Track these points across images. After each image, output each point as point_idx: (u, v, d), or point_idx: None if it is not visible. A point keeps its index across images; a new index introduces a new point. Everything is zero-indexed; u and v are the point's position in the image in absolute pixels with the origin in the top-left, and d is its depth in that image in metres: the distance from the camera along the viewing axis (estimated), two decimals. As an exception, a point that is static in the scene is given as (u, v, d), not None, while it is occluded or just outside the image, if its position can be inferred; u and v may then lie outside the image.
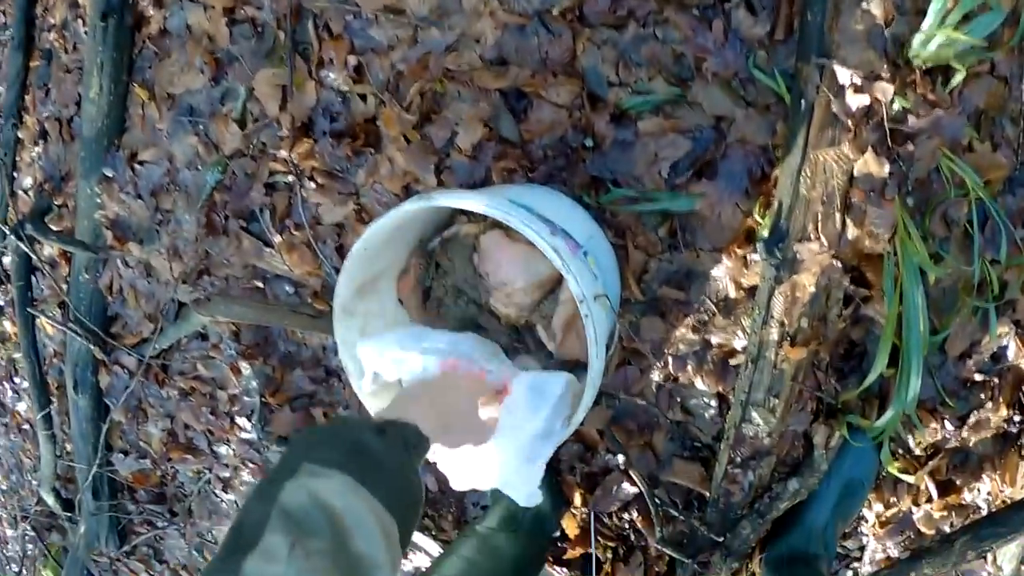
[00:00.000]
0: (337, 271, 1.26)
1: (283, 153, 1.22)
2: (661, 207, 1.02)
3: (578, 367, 0.88)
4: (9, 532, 2.86)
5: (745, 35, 0.98)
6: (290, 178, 1.24)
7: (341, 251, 1.26)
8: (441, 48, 1.09)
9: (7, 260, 2.07)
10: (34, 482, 2.54)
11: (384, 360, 0.87)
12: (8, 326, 2.25)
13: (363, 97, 1.16)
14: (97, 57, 1.45)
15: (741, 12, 0.98)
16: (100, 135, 1.52)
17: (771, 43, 0.97)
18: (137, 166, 1.49)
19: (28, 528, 2.57)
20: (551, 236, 0.77)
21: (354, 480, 0.61)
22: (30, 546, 2.70)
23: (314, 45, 1.18)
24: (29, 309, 1.92)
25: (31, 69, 1.79)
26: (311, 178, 1.23)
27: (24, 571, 2.78)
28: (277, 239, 1.29)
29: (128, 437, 1.89)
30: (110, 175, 1.53)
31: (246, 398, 1.54)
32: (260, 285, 1.37)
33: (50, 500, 2.25)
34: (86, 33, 1.54)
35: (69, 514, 2.25)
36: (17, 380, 2.35)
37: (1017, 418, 1.09)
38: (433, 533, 1.48)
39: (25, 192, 1.89)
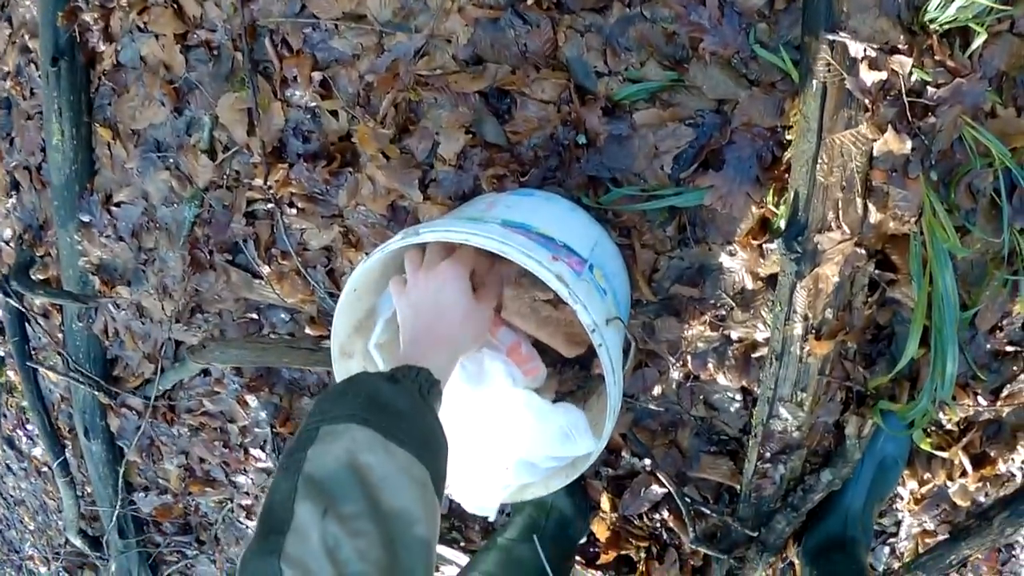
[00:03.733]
0: (331, 295, 1.16)
1: (258, 181, 1.11)
2: (667, 203, 0.91)
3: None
4: (43, 570, 2.81)
5: (743, 7, 0.85)
6: (269, 205, 1.13)
7: (332, 275, 1.16)
8: (410, 53, 0.97)
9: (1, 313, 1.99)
10: (60, 523, 2.49)
11: None
12: (13, 375, 2.17)
13: (334, 113, 1.04)
14: (54, 103, 1.33)
15: (739, -18, 0.86)
16: (70, 181, 1.41)
17: (772, 14, 0.85)
18: (114, 208, 1.38)
19: (61, 568, 2.52)
20: (552, 262, 0.66)
21: (375, 432, 0.57)
22: (65, 584, 2.65)
23: (275, 63, 1.06)
24: (28, 363, 1.83)
25: (-8, 121, 1.68)
26: (291, 204, 1.12)
27: (62, 609, 2.73)
28: (265, 269, 1.18)
29: (146, 474, 1.83)
30: (87, 220, 1.42)
31: (257, 429, 1.45)
32: (255, 316, 1.27)
33: (77, 542, 2.18)
34: (39, 78, 1.43)
35: (98, 553, 2.20)
36: (30, 427, 2.28)
37: (1051, 386, 0.98)
38: (461, 544, 1.40)
39: (6, 243, 1.79)
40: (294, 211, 1.12)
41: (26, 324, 1.82)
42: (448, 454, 0.65)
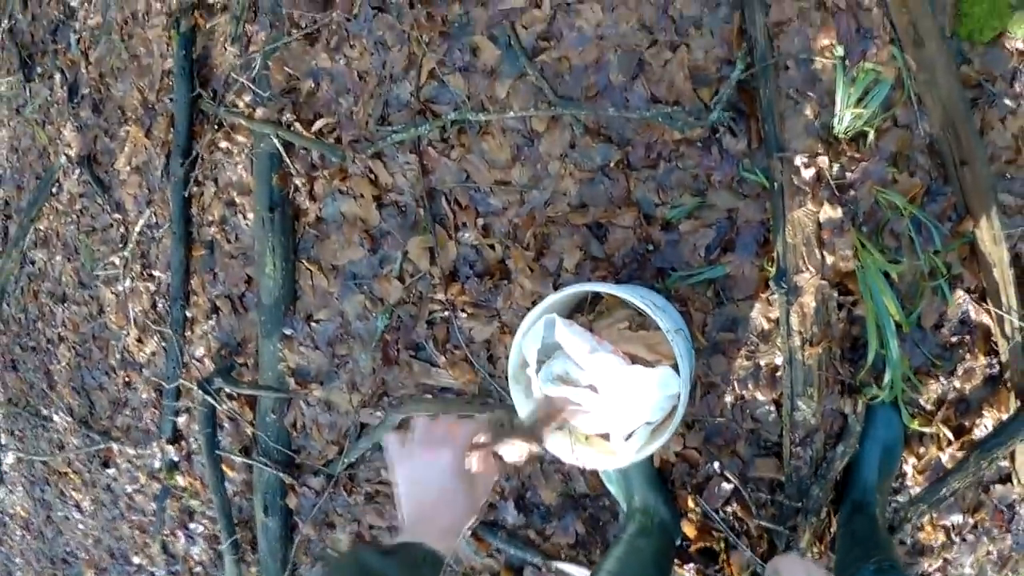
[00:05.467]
0: (491, 376, 1.79)
1: (439, 295, 1.79)
2: (705, 277, 1.57)
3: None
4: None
5: (733, 151, 1.53)
6: (446, 313, 1.80)
7: (492, 359, 1.76)
8: (541, 203, 1.68)
9: (182, 420, 2.56)
10: None
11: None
12: (180, 479, 2.70)
13: (492, 246, 1.74)
14: (268, 241, 1.98)
15: (727, 137, 1.53)
16: (278, 302, 2.05)
17: (750, 152, 1.51)
18: (313, 324, 2.02)
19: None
20: (642, 300, 1.32)
21: None
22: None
23: (448, 215, 1.78)
24: (217, 451, 2.40)
25: (194, 258, 2.29)
26: (462, 310, 1.77)
27: None
28: (441, 360, 1.82)
29: (314, 549, 2.28)
30: (289, 333, 2.06)
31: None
32: (430, 397, 1.90)
33: (236, 624, 2.68)
34: (247, 225, 2.06)
35: (255, 636, 2.67)
36: (191, 526, 2.77)
37: (994, 360, 1.46)
38: (584, 563, 1.92)
39: (198, 360, 2.40)
40: (464, 315, 1.78)
41: (216, 422, 2.38)
42: None
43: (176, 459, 2.67)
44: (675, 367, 1.34)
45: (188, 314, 2.41)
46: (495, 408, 1.65)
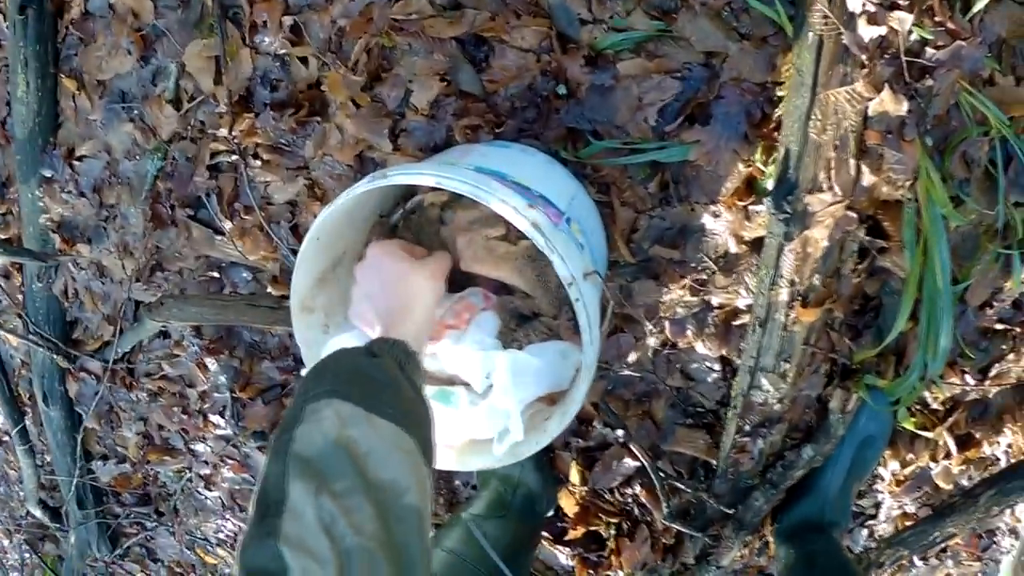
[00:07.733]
0: (294, 253, 1.13)
1: (223, 131, 1.07)
2: (649, 158, 0.89)
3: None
4: (6, 542, 2.77)
5: None
6: (234, 157, 1.09)
7: (296, 231, 1.13)
8: (386, -4, 0.94)
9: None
10: (21, 494, 2.44)
11: None
12: None
13: (304, 60, 1.01)
14: (20, 53, 1.29)
15: (726, -74, 0.83)
16: (33, 135, 1.36)
17: None
18: (76, 163, 1.33)
19: (22, 540, 2.48)
20: (528, 209, 0.64)
21: (357, 405, 0.58)
22: (27, 555, 2.61)
23: (244, 8, 1.03)
24: None
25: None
26: (256, 155, 1.09)
27: (26, 579, 2.69)
28: (227, 225, 1.15)
29: (105, 442, 1.79)
30: (49, 175, 1.37)
31: (216, 394, 1.42)
32: (216, 275, 1.24)
33: (38, 513, 2.14)
34: (7, 28, 1.38)
35: (58, 524, 2.16)
36: None
37: (1046, 366, 0.97)
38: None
39: None
40: (259, 163, 1.09)
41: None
42: (433, 423, 0.67)
43: (-41, 320, 2.04)
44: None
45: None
46: (287, 311, 0.99)
